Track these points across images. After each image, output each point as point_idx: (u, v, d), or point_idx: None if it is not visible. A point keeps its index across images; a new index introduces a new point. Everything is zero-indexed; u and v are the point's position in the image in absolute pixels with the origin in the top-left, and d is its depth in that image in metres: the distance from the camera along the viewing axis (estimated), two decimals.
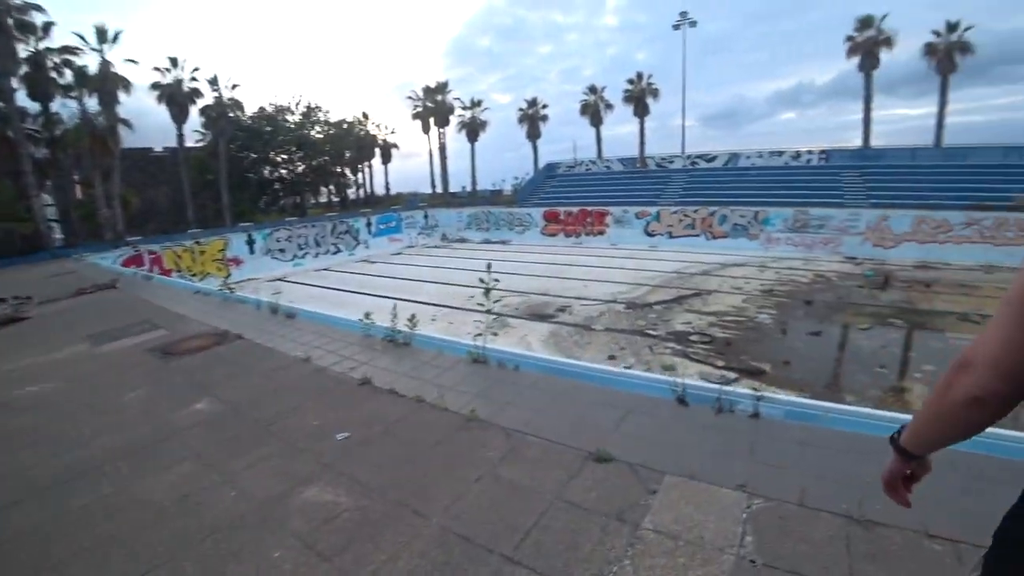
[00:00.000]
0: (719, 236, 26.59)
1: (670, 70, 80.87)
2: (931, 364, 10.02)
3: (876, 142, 33.37)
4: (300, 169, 45.82)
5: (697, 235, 27.05)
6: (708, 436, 3.79)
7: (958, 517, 2.66)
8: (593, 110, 41.73)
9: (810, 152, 32.67)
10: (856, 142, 34.24)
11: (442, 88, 45.62)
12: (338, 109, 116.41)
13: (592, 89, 41.85)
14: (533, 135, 44.73)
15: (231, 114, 37.33)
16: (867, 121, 33.04)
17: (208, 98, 34.41)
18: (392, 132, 52.76)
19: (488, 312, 5.75)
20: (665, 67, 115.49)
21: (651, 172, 36.23)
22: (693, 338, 11.51)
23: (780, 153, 33.19)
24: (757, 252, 24.85)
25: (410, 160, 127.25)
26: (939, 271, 20.22)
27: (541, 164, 42.13)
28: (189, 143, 35.18)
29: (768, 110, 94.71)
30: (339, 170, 49.95)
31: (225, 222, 32.11)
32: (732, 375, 9.42)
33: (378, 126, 51.54)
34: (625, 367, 9.68)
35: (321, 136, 46.46)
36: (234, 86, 36.19)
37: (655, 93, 39.25)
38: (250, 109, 42.14)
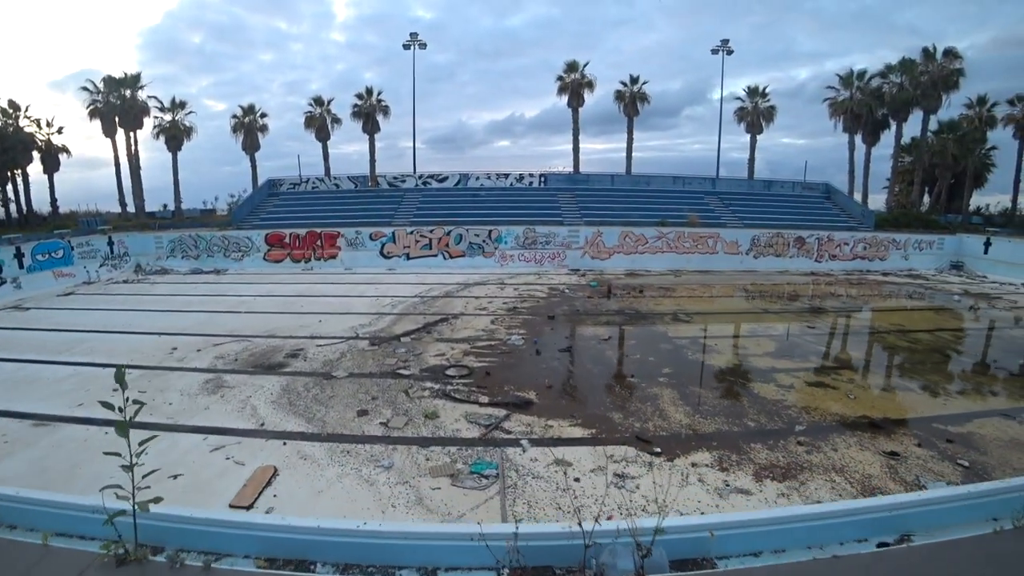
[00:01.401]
0: (456, 255, 26.12)
1: (398, 92, 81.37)
2: (668, 367, 10.17)
3: (582, 169, 37.60)
4: None
5: (435, 255, 26.13)
6: None
7: None
8: (320, 124, 38.29)
9: (531, 175, 35.09)
10: (562, 168, 38.17)
11: (132, 82, 36.20)
12: None
13: (318, 101, 38.44)
14: (251, 147, 38.94)
15: None
16: (576, 150, 37.19)
17: None
18: (59, 131, 38.90)
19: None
20: (393, 87, 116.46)
21: (383, 191, 34.52)
22: (450, 372, 9.77)
23: (506, 175, 34.88)
24: (494, 269, 25.02)
25: (96, 171, 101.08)
26: (644, 277, 22.87)
27: (262, 180, 36.68)
28: None
29: (486, 137, 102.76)
30: None
31: None
32: (500, 412, 7.90)
33: (36, 122, 37.82)
34: (382, 423, 7.39)
35: None
36: None
37: (385, 110, 37.93)
38: None
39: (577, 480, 5.98)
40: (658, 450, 6.68)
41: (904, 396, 8.78)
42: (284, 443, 6.78)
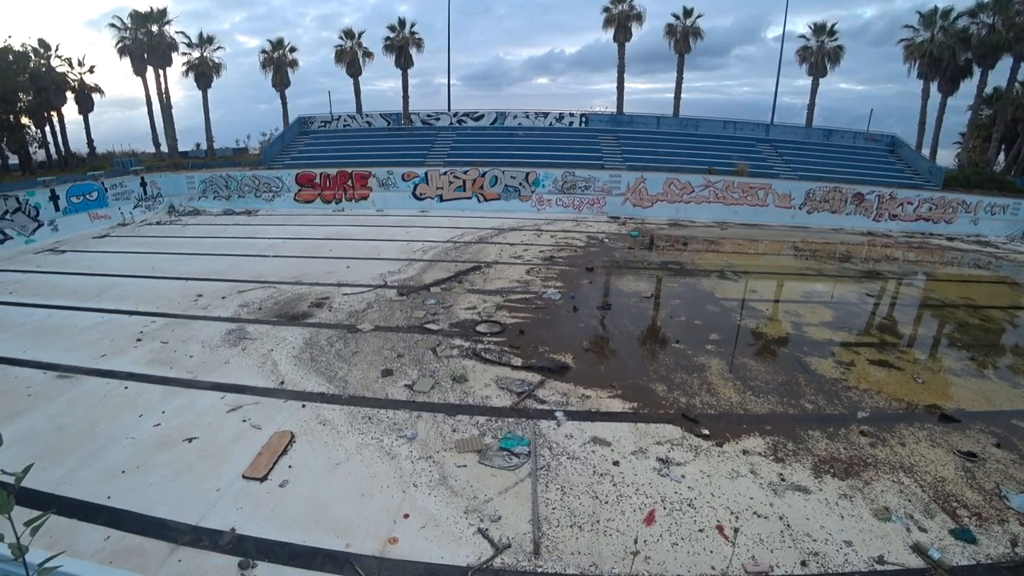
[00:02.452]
0: (491, 198, 25.22)
1: (433, 28, 77.72)
2: (716, 333, 9.44)
3: (626, 110, 35.44)
4: None
5: (469, 197, 25.28)
6: None
7: None
8: (350, 58, 36.77)
9: (571, 115, 33.33)
10: (603, 108, 36.08)
11: (158, 17, 35.07)
12: None
13: (348, 34, 36.73)
14: (281, 83, 37.87)
15: None
16: (620, 88, 34.88)
17: None
18: (90, 71, 38.63)
19: None
20: (428, 22, 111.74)
21: (416, 129, 33.37)
22: (481, 328, 9.26)
23: (545, 114, 33.23)
24: (530, 214, 24.12)
25: (133, 112, 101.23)
26: (688, 228, 21.67)
27: (293, 118, 35.89)
28: None
29: (523, 74, 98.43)
30: (12, 120, 34.43)
31: None
32: (534, 377, 7.38)
33: (68, 61, 37.48)
34: (406, 385, 6.98)
35: None
36: None
37: (419, 44, 36.06)
38: None
39: (616, 464, 5.47)
40: (706, 432, 6.09)
41: (979, 384, 7.83)
42: (303, 405, 6.43)
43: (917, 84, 33.08)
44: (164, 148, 38.12)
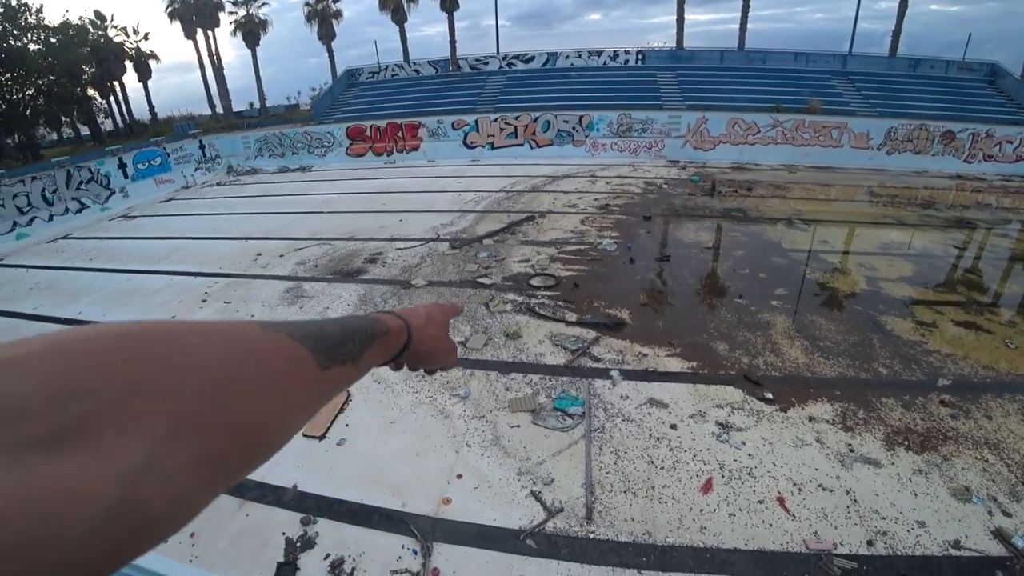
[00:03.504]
0: (544, 144, 24.51)
1: None
2: (782, 287, 8.93)
3: (686, 45, 33.17)
4: (16, 96, 32.29)
5: (521, 144, 24.66)
6: None
7: None
8: (395, 4, 35.88)
9: (627, 52, 31.62)
10: (661, 44, 33.89)
11: None
12: (55, 7, 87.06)
13: None
14: (327, 36, 37.59)
15: None
16: (680, 21, 32.56)
17: None
18: (145, 38, 39.53)
19: None
20: None
21: (465, 75, 32.55)
22: (535, 282, 9.13)
23: (598, 53, 31.67)
24: (584, 160, 23.32)
25: (189, 75, 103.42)
26: (753, 172, 20.43)
27: (341, 71, 35.69)
28: None
29: (575, 11, 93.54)
30: (80, 93, 35.93)
31: None
32: (589, 333, 7.25)
33: (123, 30, 38.49)
34: (459, 342, 7.00)
35: (40, 47, 32.48)
36: None
37: None
38: None
39: (674, 427, 5.33)
40: (769, 395, 5.82)
41: None
42: None
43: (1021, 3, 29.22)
44: (220, 109, 39.05)
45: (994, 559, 3.86)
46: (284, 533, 4.22)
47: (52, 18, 35.44)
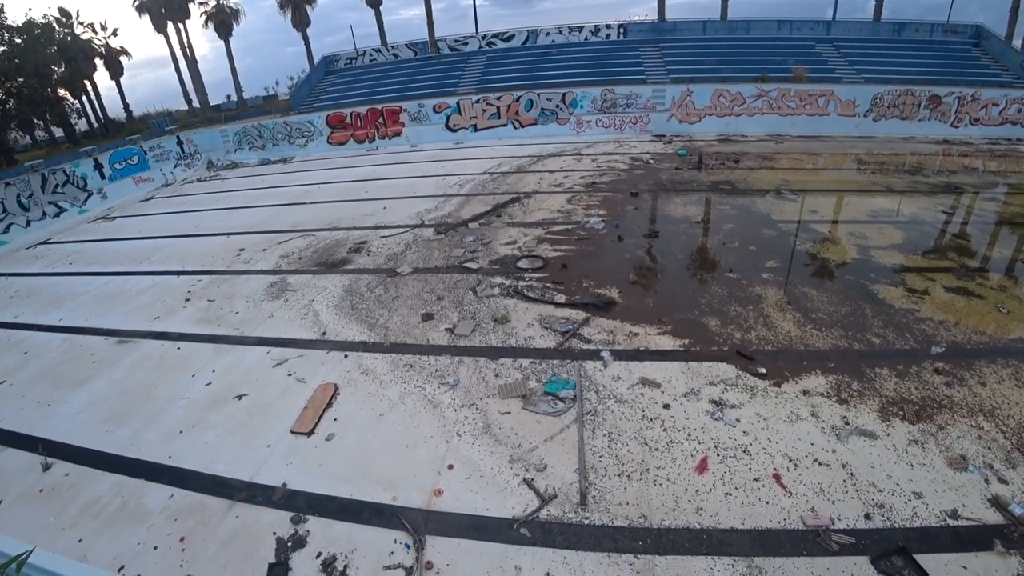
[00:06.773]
0: (527, 124, 24.14)
1: None
2: (773, 259, 8.85)
3: (668, 16, 32.66)
4: None
5: (504, 125, 24.27)
6: None
7: None
8: None
9: (608, 26, 31.13)
10: (643, 17, 33.44)
11: None
12: (17, 7, 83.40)
13: None
14: (301, 23, 36.67)
15: None
16: None
17: None
18: (114, 34, 38.20)
19: None
20: None
21: (445, 57, 31.95)
22: (522, 264, 9.00)
23: (579, 28, 31.17)
24: (569, 138, 23.02)
25: (163, 71, 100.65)
26: (740, 143, 20.25)
27: (318, 58, 34.87)
28: None
29: None
30: (50, 94, 34.84)
31: None
32: (578, 315, 7.14)
33: (91, 27, 37.16)
34: (447, 329, 6.88)
35: (5, 49, 31.31)
36: None
37: None
38: None
39: (667, 407, 5.25)
40: (762, 370, 5.75)
41: None
42: (345, 355, 6.44)
43: None
44: (196, 104, 38.16)
45: (992, 527, 3.83)
46: (275, 533, 4.12)
47: (15, 18, 33.91)
